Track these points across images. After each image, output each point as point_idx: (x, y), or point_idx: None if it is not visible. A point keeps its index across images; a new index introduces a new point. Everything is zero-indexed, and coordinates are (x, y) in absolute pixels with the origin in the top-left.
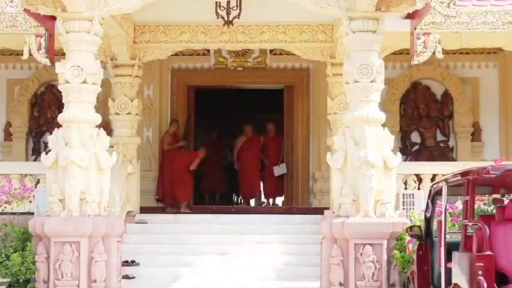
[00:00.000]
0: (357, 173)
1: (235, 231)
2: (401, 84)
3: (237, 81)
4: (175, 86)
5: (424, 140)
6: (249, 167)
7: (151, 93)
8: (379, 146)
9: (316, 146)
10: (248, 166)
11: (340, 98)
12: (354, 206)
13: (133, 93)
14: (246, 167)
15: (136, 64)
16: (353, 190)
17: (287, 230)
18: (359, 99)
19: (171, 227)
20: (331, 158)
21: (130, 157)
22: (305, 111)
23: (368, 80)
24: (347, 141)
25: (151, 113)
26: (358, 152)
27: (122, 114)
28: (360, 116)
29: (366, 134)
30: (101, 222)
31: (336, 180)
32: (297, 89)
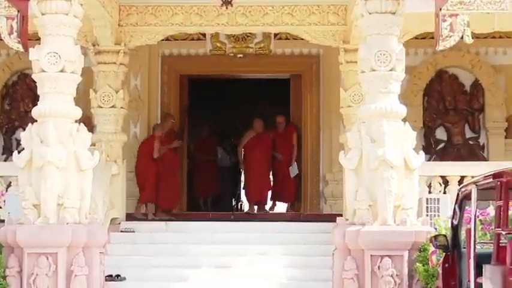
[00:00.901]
0: (374, 174)
1: (234, 240)
2: (424, 73)
3: (236, 69)
4: (167, 75)
5: (451, 137)
6: (257, 168)
7: (138, 84)
8: (399, 144)
9: (327, 144)
10: (256, 166)
11: (354, 89)
12: (370, 212)
13: (118, 83)
14: (254, 168)
15: (121, 50)
16: (369, 194)
17: (293, 239)
18: (376, 90)
19: (162, 236)
20: (345, 158)
21: (114, 156)
22: (314, 104)
23: (386, 69)
24: (362, 138)
25: (138, 106)
26: (375, 150)
27: (106, 107)
28: (377, 110)
29: (384, 129)
30: (81, 230)
31: (349, 182)
32: (305, 78)
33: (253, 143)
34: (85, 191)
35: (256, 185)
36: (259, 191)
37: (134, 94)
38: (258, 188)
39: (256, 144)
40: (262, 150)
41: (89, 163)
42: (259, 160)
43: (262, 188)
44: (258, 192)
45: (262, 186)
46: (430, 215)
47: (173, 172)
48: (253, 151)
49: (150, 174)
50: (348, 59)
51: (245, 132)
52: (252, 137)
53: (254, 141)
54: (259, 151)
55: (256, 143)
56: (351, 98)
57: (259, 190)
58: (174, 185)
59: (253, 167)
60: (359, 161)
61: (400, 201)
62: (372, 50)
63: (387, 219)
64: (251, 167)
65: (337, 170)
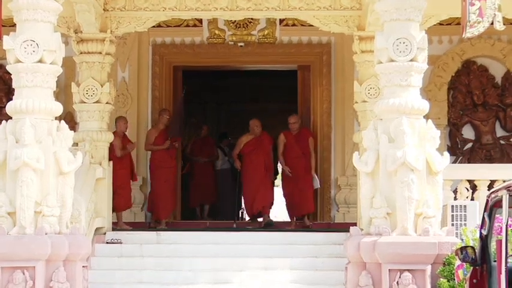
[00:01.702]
0: (393, 178)
1: (235, 253)
2: (450, 64)
3: (237, 60)
4: (158, 66)
5: (480, 136)
6: (255, 176)
7: (126, 76)
8: (420, 144)
9: (339, 144)
10: (254, 174)
11: (370, 82)
12: (388, 221)
13: (104, 75)
14: (252, 176)
15: (107, 38)
16: (387, 201)
17: (301, 252)
18: (395, 83)
19: (154, 248)
20: (359, 160)
21: (100, 158)
22: (325, 99)
23: (407, 59)
24: (379, 137)
25: (126, 102)
26: (394, 151)
27: (89, 102)
28: (396, 105)
29: (403, 128)
30: (61, 242)
31: (365, 188)
32: (315, 70)
33: (250, 147)
34: (66, 197)
35: (255, 196)
36: (259, 203)
37: (122, 88)
38: (257, 199)
39: (254, 149)
40: (261, 156)
41: (70, 166)
42: (258, 168)
43: (262, 199)
44: (257, 204)
45: (262, 198)
46: (456, 224)
47: (166, 178)
48: (251, 157)
49: (119, 177)
50: (363, 48)
51: (241, 135)
52: (249, 140)
53: (252, 145)
54: (258, 157)
55: (254, 147)
56: (366, 92)
57: (259, 202)
58: (166, 193)
59: (251, 175)
60: (375, 164)
61: (422, 209)
62: (390, 37)
63: (407, 228)
64: (249, 176)
65: (350, 174)
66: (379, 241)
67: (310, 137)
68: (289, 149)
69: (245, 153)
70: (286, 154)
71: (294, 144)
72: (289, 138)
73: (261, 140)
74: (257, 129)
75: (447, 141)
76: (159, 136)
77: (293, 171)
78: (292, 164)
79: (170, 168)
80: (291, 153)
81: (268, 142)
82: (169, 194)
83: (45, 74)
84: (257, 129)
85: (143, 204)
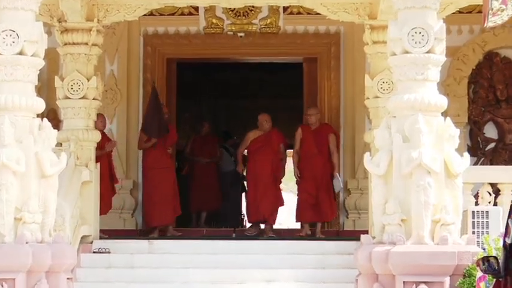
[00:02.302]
0: (407, 181)
1: (234, 264)
2: (470, 56)
3: (236, 52)
4: (150, 58)
5: (503, 135)
6: (260, 177)
7: (115, 69)
8: (438, 144)
9: (349, 144)
10: (259, 175)
11: (383, 75)
12: (402, 228)
13: (91, 69)
14: (256, 177)
15: (94, 28)
16: (402, 206)
17: (307, 262)
18: (410, 77)
19: (145, 258)
20: (371, 161)
21: (86, 159)
22: (333, 95)
23: (423, 50)
24: (393, 136)
25: (115, 97)
26: (409, 151)
27: (75, 98)
28: (411, 101)
29: (419, 126)
30: (44, 251)
31: (377, 192)
32: (322, 62)
33: (257, 144)
34: (49, 202)
35: (260, 201)
36: (264, 209)
37: (110, 82)
38: (263, 205)
39: (262, 146)
40: (268, 155)
41: (54, 168)
42: (264, 168)
43: (268, 203)
44: (262, 211)
45: (268, 201)
46: (477, 232)
47: (160, 180)
48: (257, 156)
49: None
50: (375, 38)
51: (247, 132)
52: (257, 137)
53: (259, 142)
54: (265, 156)
55: (261, 144)
56: (378, 86)
57: (264, 208)
58: (159, 197)
59: (255, 177)
60: (388, 166)
61: (440, 215)
62: (404, 27)
63: (424, 237)
64: (253, 177)
65: (361, 177)
66: (393, 250)
67: (331, 133)
68: (304, 146)
69: (251, 151)
70: (301, 151)
71: (311, 140)
72: (306, 133)
73: (269, 137)
74: (266, 125)
75: (467, 140)
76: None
77: (308, 172)
78: (306, 164)
79: (164, 168)
80: (306, 150)
81: (278, 140)
82: (163, 197)
83: (26, 67)
84: (266, 124)
85: (134, 209)
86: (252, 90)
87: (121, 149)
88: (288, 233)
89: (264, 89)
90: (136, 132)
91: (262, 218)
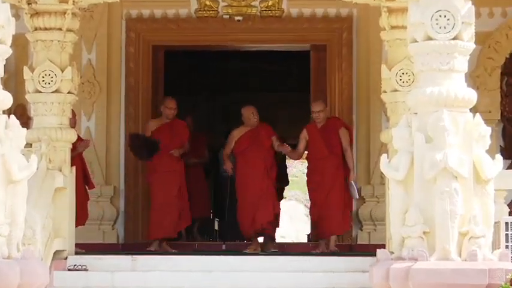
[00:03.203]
0: (431, 188)
1: (231, 283)
2: (503, 44)
3: (233, 38)
4: (134, 46)
5: None
6: (252, 182)
7: (93, 59)
8: (466, 145)
9: (363, 145)
10: (250, 180)
11: (402, 65)
12: (425, 242)
13: (65, 58)
14: (247, 182)
15: (69, 11)
16: (424, 216)
17: (316, 281)
18: (434, 67)
19: (128, 276)
20: (388, 164)
21: (59, 162)
22: (345, 88)
23: (449, 36)
24: (414, 136)
25: (93, 91)
26: (433, 153)
27: (47, 92)
28: (435, 95)
29: (444, 124)
30: (11, 268)
31: (396, 200)
32: (332, 51)
33: (244, 144)
34: (17, 212)
35: (253, 209)
36: (260, 218)
37: (87, 73)
38: (259, 210)
39: (250, 145)
40: (259, 154)
41: (22, 172)
42: (255, 170)
43: (264, 209)
44: (258, 220)
45: (264, 207)
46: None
47: (165, 185)
48: (246, 157)
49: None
50: (394, 23)
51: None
52: (243, 135)
53: (246, 141)
54: (255, 156)
55: (249, 143)
56: (397, 78)
57: (260, 217)
58: (163, 205)
59: (246, 181)
60: (409, 170)
61: (468, 227)
62: (427, 10)
63: (449, 251)
64: (244, 182)
65: (377, 182)
66: (414, 267)
67: (341, 127)
68: (312, 147)
69: (238, 152)
70: (309, 154)
71: (320, 141)
72: (313, 133)
73: (257, 133)
74: (253, 119)
75: (500, 140)
76: (160, 130)
77: (318, 177)
78: (316, 167)
79: (171, 172)
80: (315, 152)
81: (268, 135)
82: (165, 205)
83: None
84: (253, 118)
85: (115, 220)
86: (251, 82)
87: (100, 150)
88: (295, 247)
89: (265, 82)
90: (118, 130)
91: (260, 227)
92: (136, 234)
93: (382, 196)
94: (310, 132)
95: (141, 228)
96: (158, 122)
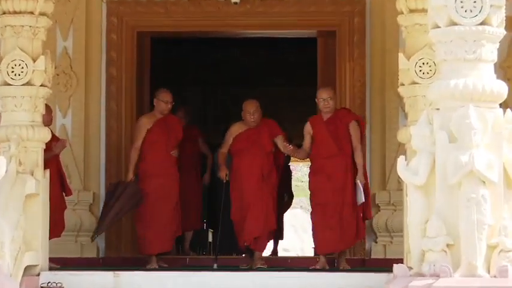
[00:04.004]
0: (455, 194)
1: None
2: None
3: (230, 23)
4: (116, 32)
5: None
6: (245, 188)
7: (70, 47)
8: (495, 145)
9: (377, 144)
10: (244, 185)
11: (422, 54)
12: (448, 256)
13: (37, 46)
14: (240, 187)
15: None
16: (447, 226)
17: None
18: (458, 56)
19: None
20: (406, 168)
21: (31, 165)
22: (357, 79)
23: (475, 21)
24: (436, 135)
25: (70, 83)
26: (457, 155)
27: (17, 85)
28: (459, 89)
29: (470, 121)
30: None
31: (415, 208)
32: (343, 37)
33: (241, 143)
34: None
35: (248, 215)
36: (249, 231)
37: (63, 63)
38: (248, 221)
39: (248, 145)
40: (257, 157)
41: None
42: (250, 175)
43: (254, 222)
44: (247, 229)
45: (254, 220)
46: None
47: (160, 191)
48: (241, 159)
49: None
50: (412, 6)
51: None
52: (241, 132)
53: (243, 140)
54: (252, 159)
55: (246, 143)
56: (416, 69)
57: (249, 230)
58: (159, 214)
59: (239, 187)
60: (430, 174)
61: (498, 239)
62: None
63: (476, 267)
64: (237, 188)
65: (393, 188)
66: (436, 285)
67: (351, 121)
68: (317, 144)
69: (234, 151)
70: (314, 152)
71: (326, 136)
72: (318, 127)
73: (258, 133)
74: (249, 118)
75: None
76: (156, 128)
77: (324, 179)
78: (323, 168)
79: (168, 176)
80: (320, 149)
81: (269, 135)
82: (161, 215)
83: None
84: (249, 117)
85: (95, 231)
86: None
87: (78, 151)
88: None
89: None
90: (98, 128)
91: (246, 242)
92: (119, 247)
93: (399, 204)
94: (315, 126)
95: (124, 240)
96: (152, 119)
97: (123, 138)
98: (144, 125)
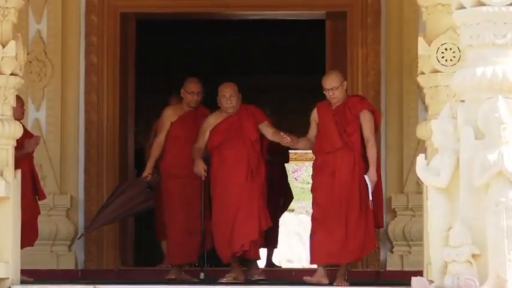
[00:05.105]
0: (482, 198)
1: None
2: None
3: (226, 3)
4: (96, 13)
5: None
6: (229, 188)
7: (44, 30)
8: None
9: (394, 141)
10: (228, 185)
11: (445, 39)
12: (474, 267)
13: (7, 29)
14: (223, 187)
15: None
16: (473, 234)
17: None
18: (486, 41)
19: None
20: (426, 168)
21: (0, 164)
22: (371, 67)
23: (505, 1)
24: (460, 130)
25: (44, 72)
26: (484, 153)
27: None
28: (487, 78)
29: (500, 115)
30: None
31: (436, 213)
32: (354, 19)
33: (220, 135)
34: None
35: (229, 223)
36: (240, 237)
37: (37, 49)
38: (238, 227)
39: (228, 138)
40: (240, 150)
41: None
42: (234, 172)
43: (241, 227)
44: (237, 236)
45: (241, 224)
46: None
47: (181, 193)
48: (222, 153)
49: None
50: None
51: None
52: (219, 123)
53: (222, 131)
54: (235, 153)
55: (226, 135)
56: (438, 56)
57: (239, 236)
58: (181, 219)
59: (223, 186)
60: (454, 174)
61: None
62: None
63: (505, 280)
64: (219, 189)
65: (412, 191)
66: None
67: (363, 110)
68: (322, 136)
69: (213, 145)
70: (317, 145)
71: (331, 126)
72: (325, 115)
73: (239, 120)
74: (225, 104)
75: None
76: (178, 123)
77: (326, 176)
78: (324, 164)
79: (189, 178)
80: (324, 142)
81: (254, 123)
82: (187, 220)
83: None
84: (226, 103)
85: (72, 240)
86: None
87: (53, 149)
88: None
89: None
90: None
91: (240, 249)
92: (100, 258)
93: (418, 209)
94: (321, 114)
95: (106, 251)
96: (178, 111)
97: (105, 134)
98: (168, 117)
